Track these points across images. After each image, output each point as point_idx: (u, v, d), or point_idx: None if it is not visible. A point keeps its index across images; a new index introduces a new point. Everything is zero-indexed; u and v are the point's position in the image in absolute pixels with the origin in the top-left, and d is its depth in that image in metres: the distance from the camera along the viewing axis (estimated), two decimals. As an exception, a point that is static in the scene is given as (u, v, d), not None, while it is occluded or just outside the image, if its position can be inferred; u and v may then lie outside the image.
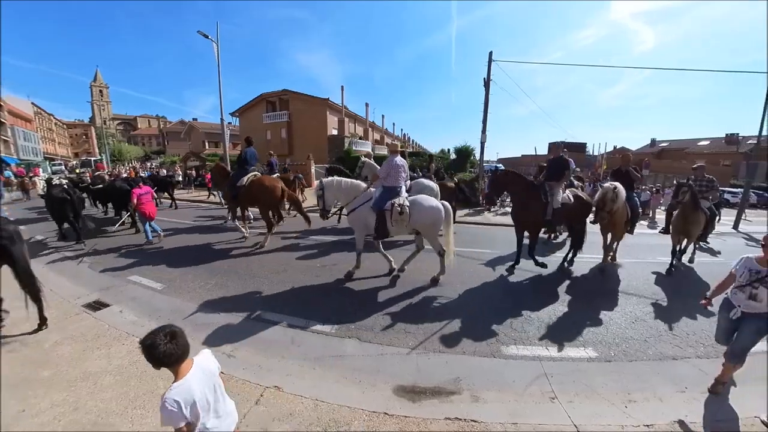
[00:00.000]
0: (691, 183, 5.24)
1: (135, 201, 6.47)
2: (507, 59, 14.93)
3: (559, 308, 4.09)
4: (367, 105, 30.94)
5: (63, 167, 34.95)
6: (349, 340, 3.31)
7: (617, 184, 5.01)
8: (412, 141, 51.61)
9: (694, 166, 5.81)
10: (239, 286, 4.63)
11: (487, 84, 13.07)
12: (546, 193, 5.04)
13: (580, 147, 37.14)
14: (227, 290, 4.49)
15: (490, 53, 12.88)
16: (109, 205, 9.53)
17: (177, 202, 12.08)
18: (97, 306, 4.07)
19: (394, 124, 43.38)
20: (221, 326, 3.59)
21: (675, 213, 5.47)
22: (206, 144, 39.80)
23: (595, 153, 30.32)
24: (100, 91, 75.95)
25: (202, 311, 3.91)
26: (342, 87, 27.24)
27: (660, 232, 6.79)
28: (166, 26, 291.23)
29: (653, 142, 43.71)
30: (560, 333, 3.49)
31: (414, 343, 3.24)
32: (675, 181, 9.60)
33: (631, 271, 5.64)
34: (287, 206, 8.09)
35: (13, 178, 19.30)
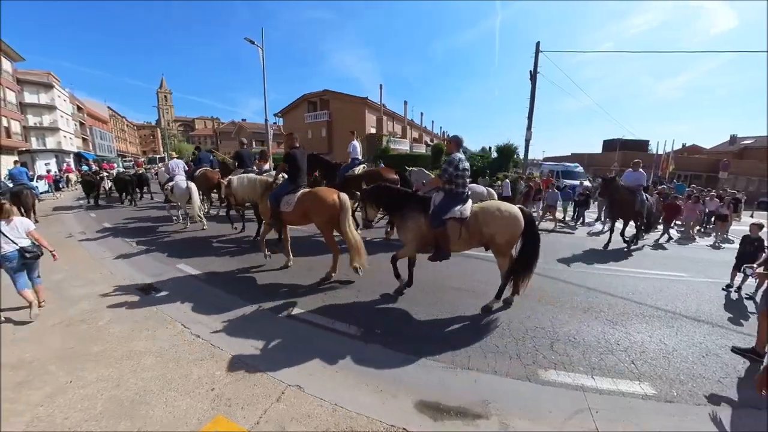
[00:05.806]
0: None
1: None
2: (555, 50, 13.75)
3: (610, 331, 3.59)
4: (405, 103, 30.83)
5: (132, 163, 40.04)
6: (374, 345, 3.22)
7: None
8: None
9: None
10: (272, 281, 4.79)
11: (533, 77, 12.19)
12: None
13: (640, 145, 33.24)
14: (261, 283, 4.68)
15: (537, 43, 12.00)
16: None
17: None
18: (148, 290, 4.48)
19: (433, 121, 42.70)
20: (252, 318, 3.73)
21: None
22: (253, 143, 42.55)
23: (659, 151, 26.82)
24: (165, 96, 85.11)
25: (236, 302, 4.10)
26: (381, 85, 27.62)
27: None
28: (216, 33, 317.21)
29: (733, 138, 37.34)
30: (610, 361, 3.05)
31: (441, 355, 3.06)
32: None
33: (701, 292, 4.83)
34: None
35: (89, 172, 22.57)
